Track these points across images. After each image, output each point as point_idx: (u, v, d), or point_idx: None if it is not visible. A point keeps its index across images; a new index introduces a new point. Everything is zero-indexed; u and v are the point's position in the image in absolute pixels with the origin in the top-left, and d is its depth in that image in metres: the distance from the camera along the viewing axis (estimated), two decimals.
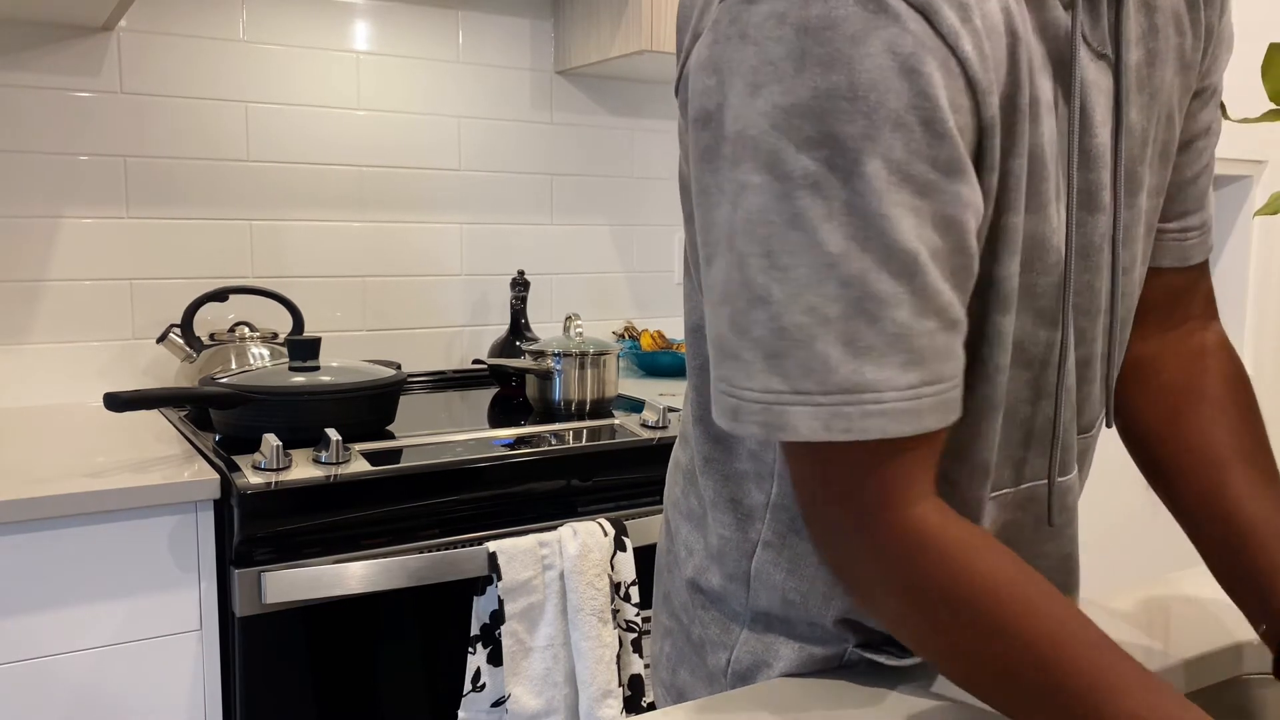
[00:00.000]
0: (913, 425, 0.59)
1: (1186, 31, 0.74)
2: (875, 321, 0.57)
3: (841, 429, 0.58)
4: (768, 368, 0.59)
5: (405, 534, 1.47)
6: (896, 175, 0.56)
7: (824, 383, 0.58)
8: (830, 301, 0.57)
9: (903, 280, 0.57)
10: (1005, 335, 0.66)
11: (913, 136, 0.56)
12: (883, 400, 0.58)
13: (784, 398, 0.59)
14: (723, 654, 0.80)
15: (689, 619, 0.83)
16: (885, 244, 0.57)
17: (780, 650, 0.77)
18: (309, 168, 2.07)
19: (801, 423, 0.59)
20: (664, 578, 0.87)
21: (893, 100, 0.56)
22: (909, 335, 0.58)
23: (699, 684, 0.82)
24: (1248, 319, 2.79)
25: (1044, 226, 0.66)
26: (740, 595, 0.79)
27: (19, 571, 1.30)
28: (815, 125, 0.56)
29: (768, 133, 0.57)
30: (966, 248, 0.60)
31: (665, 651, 0.86)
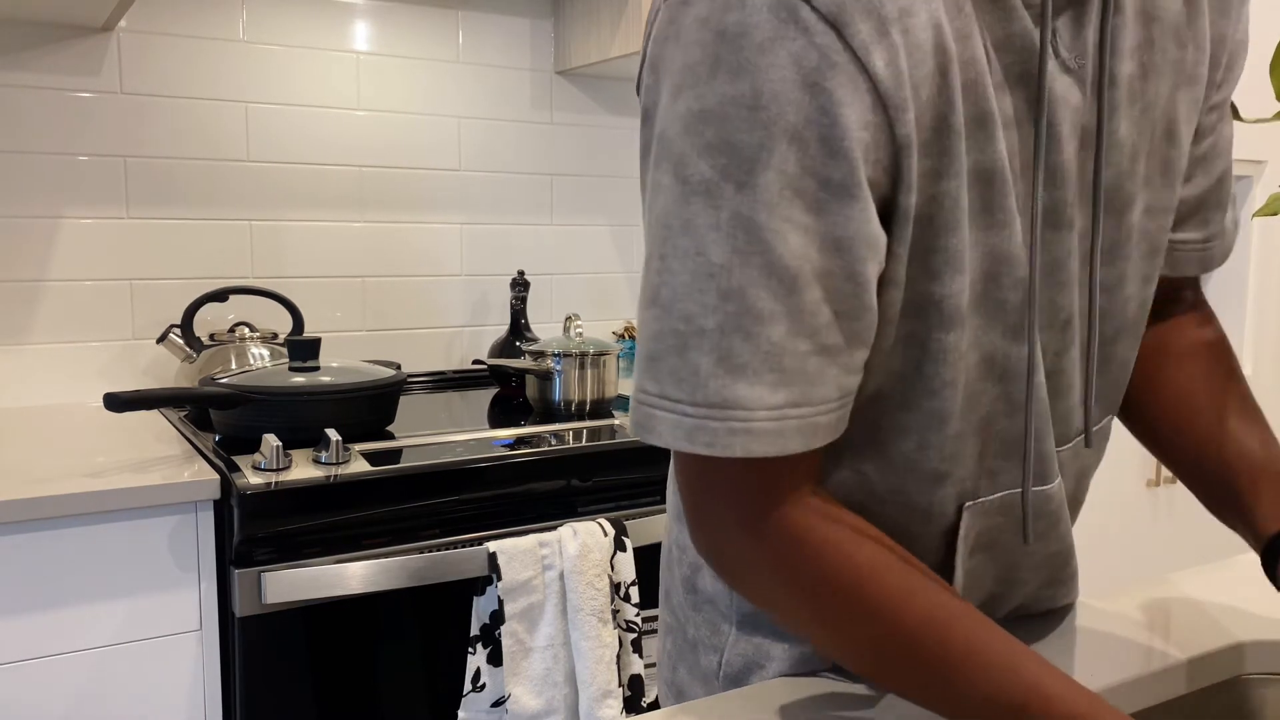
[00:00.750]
0: (776, 446, 0.59)
1: (1187, 44, 0.72)
2: (750, 338, 0.57)
3: (704, 443, 0.58)
4: (645, 368, 0.60)
5: (405, 534, 1.47)
6: (789, 190, 0.56)
7: (693, 393, 0.58)
8: (709, 312, 0.57)
9: (780, 298, 0.57)
10: (950, 352, 0.65)
11: (807, 152, 0.55)
12: (751, 419, 0.58)
13: (654, 400, 0.60)
14: (714, 656, 0.80)
15: (685, 618, 0.83)
16: (769, 260, 0.57)
17: (771, 651, 0.78)
18: (309, 168, 2.07)
19: (666, 430, 0.60)
20: (665, 576, 0.88)
21: (791, 114, 0.55)
22: (781, 354, 0.58)
23: (695, 683, 0.82)
24: (1248, 319, 2.79)
25: (1008, 243, 0.65)
26: (728, 595, 0.79)
27: (19, 571, 1.30)
28: (717, 132, 0.56)
29: (679, 136, 0.57)
30: (856, 275, 0.59)
31: (666, 648, 0.87)
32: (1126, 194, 0.72)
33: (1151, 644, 0.83)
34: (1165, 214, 0.76)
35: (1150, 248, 0.76)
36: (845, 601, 0.61)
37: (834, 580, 0.61)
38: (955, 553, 0.73)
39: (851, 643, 0.62)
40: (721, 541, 0.64)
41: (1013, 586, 0.82)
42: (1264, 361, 2.83)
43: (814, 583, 0.61)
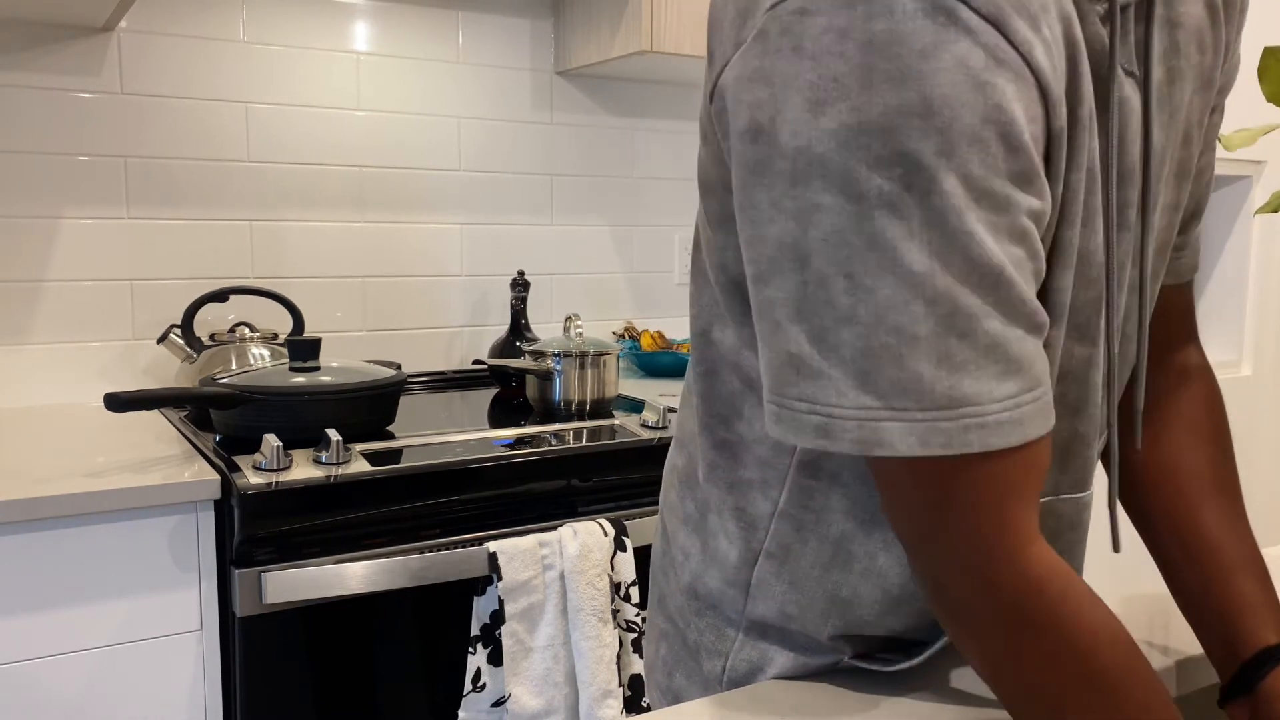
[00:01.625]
0: (1017, 435, 0.58)
1: (1208, 49, 0.73)
2: (966, 335, 0.56)
3: (940, 444, 0.57)
4: (859, 386, 0.58)
5: (405, 534, 1.47)
6: (974, 191, 0.55)
7: (920, 399, 0.57)
8: (918, 321, 0.56)
9: (989, 293, 0.57)
10: (1055, 349, 0.66)
11: (989, 151, 0.55)
12: (984, 413, 0.57)
13: (879, 414, 0.58)
14: (718, 661, 0.80)
15: (684, 624, 0.82)
16: (969, 259, 0.56)
17: (775, 659, 0.77)
18: (309, 168, 2.07)
19: (898, 438, 0.57)
20: (659, 581, 0.86)
21: (967, 115, 0.54)
22: (1003, 344, 0.57)
23: (695, 688, 0.82)
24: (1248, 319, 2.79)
25: (1091, 239, 0.66)
26: (738, 601, 0.78)
27: (19, 571, 1.30)
28: (887, 144, 0.55)
29: (836, 151, 0.56)
30: (1038, 254, 0.60)
31: (661, 655, 0.86)
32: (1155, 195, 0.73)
33: (1151, 644, 0.83)
34: (1176, 212, 0.77)
35: (1161, 245, 0.77)
36: (1070, 662, 0.59)
37: (1067, 637, 0.59)
38: None
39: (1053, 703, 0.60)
40: (952, 580, 0.61)
41: None
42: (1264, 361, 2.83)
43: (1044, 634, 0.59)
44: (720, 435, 0.77)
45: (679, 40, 2.02)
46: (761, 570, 0.76)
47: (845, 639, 0.76)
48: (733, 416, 0.76)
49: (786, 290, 0.59)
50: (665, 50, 2.01)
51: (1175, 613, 0.90)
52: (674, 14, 2.01)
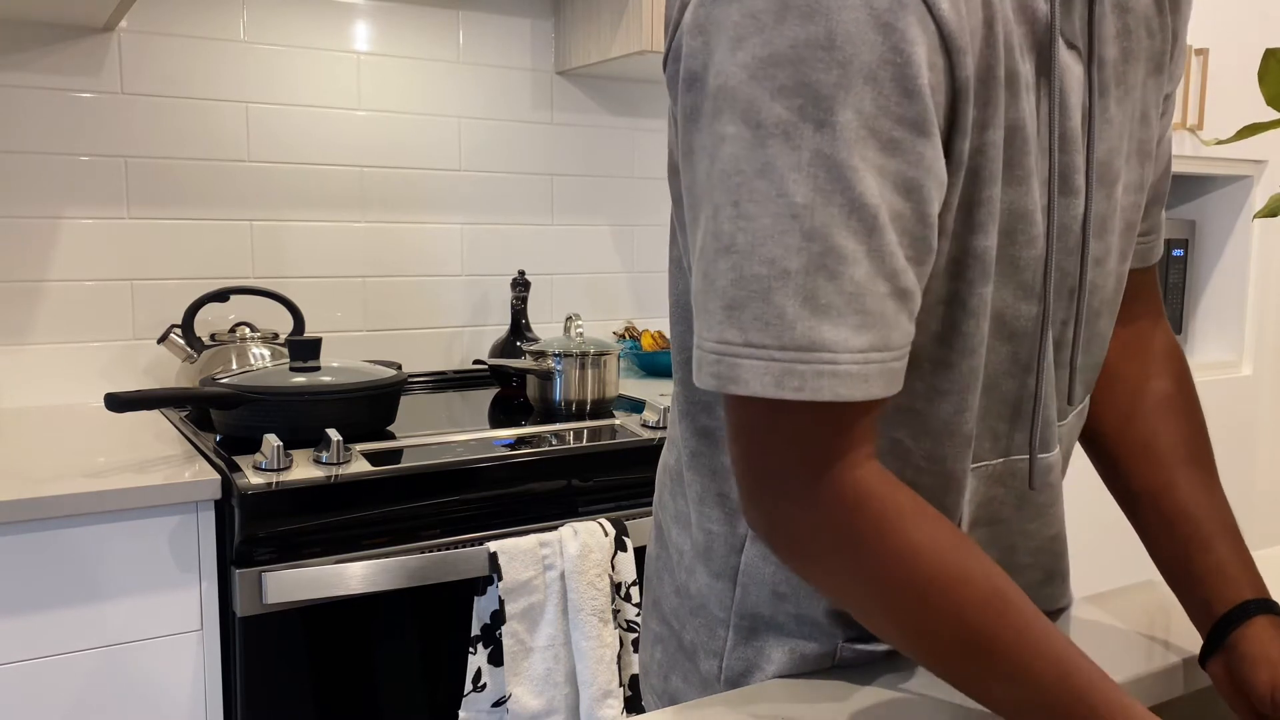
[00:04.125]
0: (861, 390, 0.59)
1: (1156, 34, 0.76)
2: (835, 278, 0.57)
3: (793, 387, 0.58)
4: (725, 318, 0.59)
5: (406, 534, 1.47)
6: (866, 129, 0.57)
7: (779, 337, 0.57)
8: (792, 254, 0.57)
9: (862, 238, 0.57)
10: (986, 305, 0.67)
11: (883, 91, 0.57)
12: (837, 361, 0.58)
13: (737, 350, 0.59)
14: (714, 661, 0.80)
15: (680, 625, 0.82)
16: (850, 199, 0.57)
17: (771, 654, 0.77)
18: (309, 168, 2.07)
19: (753, 377, 0.58)
20: (654, 584, 0.86)
21: (866, 53, 0.56)
22: (864, 295, 0.58)
23: (692, 690, 0.81)
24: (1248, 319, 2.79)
25: (1025, 200, 0.67)
26: (726, 596, 0.78)
27: (19, 571, 1.30)
28: (791, 74, 0.56)
29: (745, 83, 0.57)
30: (925, 216, 0.60)
31: (656, 658, 0.86)
32: (1115, 170, 0.75)
33: (1151, 644, 0.83)
34: (1139, 192, 0.79)
35: (1127, 224, 0.79)
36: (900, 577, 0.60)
37: (891, 552, 0.60)
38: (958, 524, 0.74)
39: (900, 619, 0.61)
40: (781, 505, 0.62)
41: (1009, 571, 0.82)
42: (1264, 361, 2.83)
43: (870, 550, 0.60)
44: (702, 422, 0.77)
45: None
46: (749, 555, 0.76)
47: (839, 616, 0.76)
48: (714, 402, 0.76)
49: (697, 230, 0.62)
50: None
51: (1176, 612, 0.90)
52: None
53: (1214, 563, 0.78)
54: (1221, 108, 2.57)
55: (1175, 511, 0.81)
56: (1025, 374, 0.72)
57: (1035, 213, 0.68)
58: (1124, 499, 0.86)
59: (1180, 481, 0.83)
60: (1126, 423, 0.87)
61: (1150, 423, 0.86)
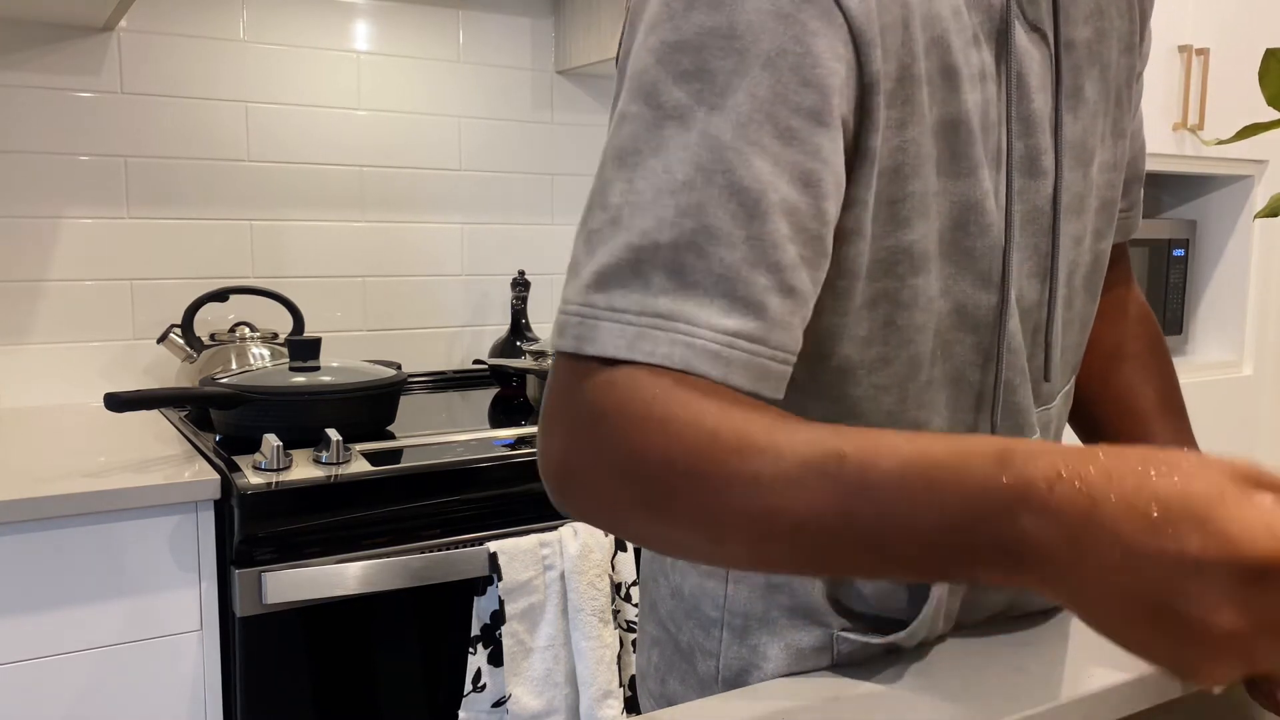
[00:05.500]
0: (718, 370, 0.56)
1: (1125, 14, 0.77)
2: (703, 257, 0.56)
3: (645, 350, 0.55)
4: (594, 283, 0.58)
5: (406, 534, 1.47)
6: (760, 113, 0.57)
7: (640, 303, 0.56)
8: (665, 227, 0.56)
9: (740, 222, 0.56)
10: (922, 295, 0.67)
11: (780, 79, 0.57)
12: (694, 334, 0.56)
13: (600, 312, 0.57)
14: (711, 661, 0.79)
15: (676, 627, 0.82)
16: (730, 180, 0.56)
17: (767, 651, 0.77)
18: (309, 168, 2.07)
19: (608, 338, 0.56)
20: (649, 587, 0.86)
21: (766, 41, 0.57)
22: (734, 281, 0.56)
23: (690, 692, 0.81)
24: (1248, 319, 2.79)
25: (974, 190, 0.67)
26: (718, 594, 0.78)
27: (19, 571, 1.30)
28: (692, 59, 0.57)
29: (652, 67, 0.59)
30: (822, 213, 0.59)
31: (653, 662, 0.86)
32: (1090, 149, 0.76)
33: None
34: (1116, 171, 0.80)
35: (1103, 202, 0.79)
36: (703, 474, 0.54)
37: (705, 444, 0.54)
38: None
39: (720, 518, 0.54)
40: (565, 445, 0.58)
41: None
42: (1264, 361, 2.83)
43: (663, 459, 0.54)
44: None
45: None
46: None
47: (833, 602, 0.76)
48: None
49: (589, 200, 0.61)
50: None
51: None
52: None
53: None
54: (1221, 108, 2.57)
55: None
56: (989, 362, 0.72)
57: (986, 201, 0.67)
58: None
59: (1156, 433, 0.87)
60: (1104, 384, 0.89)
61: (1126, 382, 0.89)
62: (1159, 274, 2.74)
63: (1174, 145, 2.52)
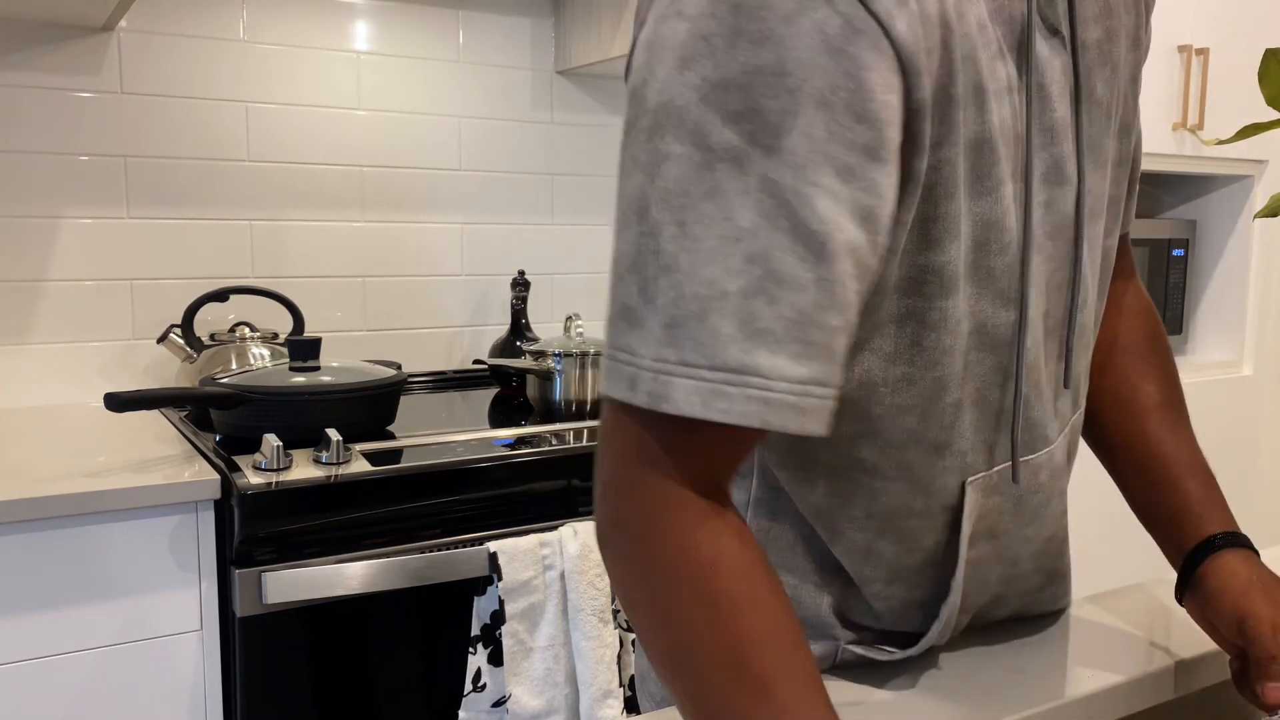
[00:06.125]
0: (797, 422, 0.57)
1: (1131, 10, 0.77)
2: (774, 303, 0.56)
3: (720, 409, 0.56)
4: (664, 337, 0.57)
5: (406, 534, 1.47)
6: (818, 154, 0.56)
7: (711, 357, 0.56)
8: (732, 275, 0.56)
9: (809, 265, 0.56)
10: (950, 318, 0.67)
11: (835, 116, 0.56)
12: (769, 389, 0.56)
13: (672, 368, 0.57)
14: None
15: None
16: (795, 223, 0.56)
17: None
18: (309, 168, 2.07)
19: (682, 396, 0.56)
20: None
21: (818, 79, 0.55)
22: (808, 325, 0.56)
23: None
24: (1248, 319, 2.79)
25: (996, 209, 0.67)
26: None
27: (19, 571, 1.30)
28: (741, 99, 0.56)
29: (695, 105, 0.57)
30: (878, 249, 0.59)
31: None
32: (1105, 149, 0.76)
33: (1151, 644, 0.83)
34: (1122, 167, 0.81)
35: (1112, 199, 0.80)
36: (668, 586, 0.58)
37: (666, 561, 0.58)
38: (959, 538, 0.74)
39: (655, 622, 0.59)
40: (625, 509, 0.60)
41: (1013, 583, 0.82)
42: (1264, 361, 2.83)
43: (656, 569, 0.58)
44: None
45: None
46: None
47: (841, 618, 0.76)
48: None
49: (628, 241, 0.60)
50: None
51: (1175, 613, 0.90)
52: None
53: (1183, 501, 0.81)
54: (1221, 108, 2.57)
55: (1147, 455, 0.84)
56: (1008, 380, 0.72)
57: (1006, 218, 0.67)
58: (1102, 449, 0.88)
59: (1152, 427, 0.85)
60: (1101, 376, 0.89)
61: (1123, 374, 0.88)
62: (1159, 274, 2.74)
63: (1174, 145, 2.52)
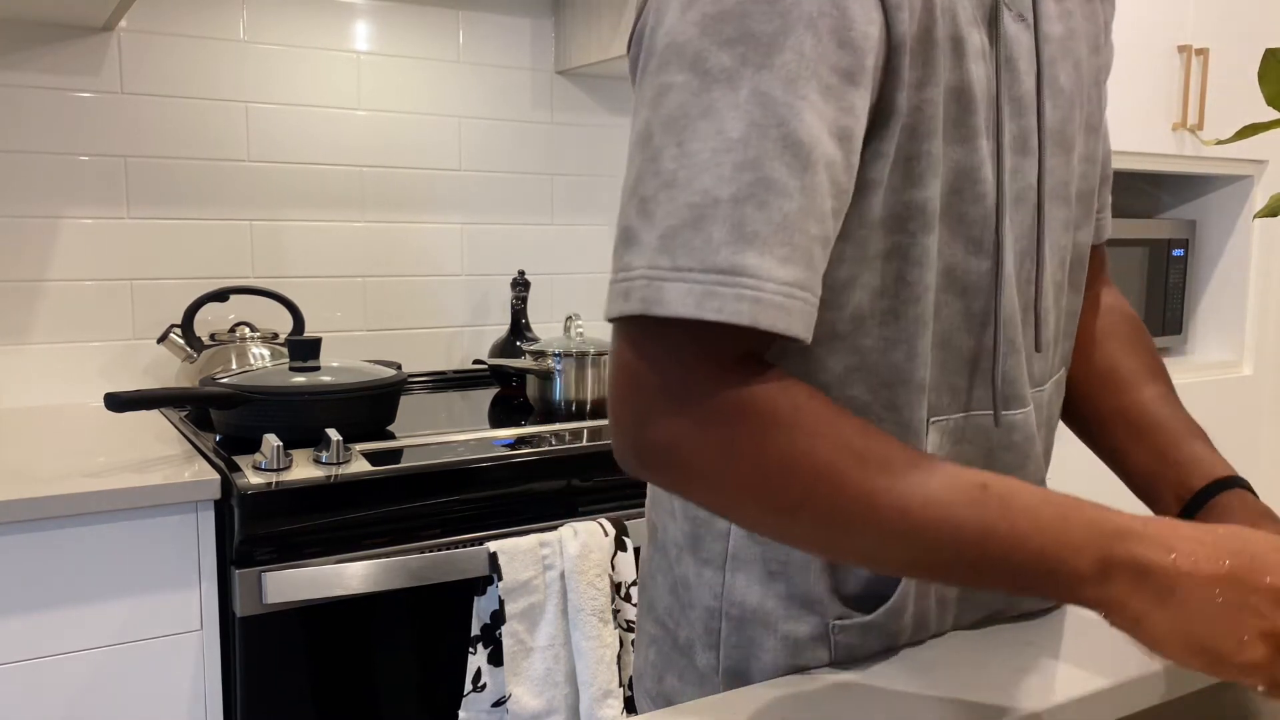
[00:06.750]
0: (782, 322, 0.60)
1: (1090, 19, 0.82)
2: (764, 207, 0.59)
3: (714, 308, 0.59)
4: (659, 246, 0.60)
5: (406, 534, 1.47)
6: (806, 70, 0.60)
7: (704, 261, 0.59)
8: (724, 183, 0.59)
9: (795, 173, 0.60)
10: (930, 255, 0.70)
11: (821, 39, 0.61)
12: (760, 288, 0.59)
13: (665, 273, 0.60)
14: (710, 653, 0.80)
15: (674, 623, 0.82)
16: (784, 133, 0.60)
17: (765, 641, 0.77)
18: (309, 168, 2.07)
19: (675, 298, 0.59)
20: (648, 586, 0.87)
21: (807, 4, 0.60)
22: (793, 230, 0.60)
23: (687, 687, 0.81)
24: (1248, 319, 2.79)
25: (972, 157, 0.71)
26: (716, 583, 0.78)
27: (19, 571, 1.30)
28: (736, 26, 0.61)
29: (696, 37, 0.61)
30: (851, 168, 0.63)
31: (650, 660, 0.86)
32: (1069, 137, 0.79)
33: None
34: (1092, 164, 0.84)
35: (1081, 193, 0.83)
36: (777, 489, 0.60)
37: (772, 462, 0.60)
38: None
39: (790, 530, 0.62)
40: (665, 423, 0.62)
41: None
42: (1264, 361, 2.83)
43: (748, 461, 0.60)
44: None
45: None
46: (736, 538, 0.77)
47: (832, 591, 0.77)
48: None
49: (631, 172, 0.63)
50: None
51: None
52: None
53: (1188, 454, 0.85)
54: (1221, 108, 2.57)
55: (1145, 422, 0.88)
56: (981, 329, 0.75)
57: (982, 169, 0.71)
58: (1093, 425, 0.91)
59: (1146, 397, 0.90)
60: (1087, 358, 0.92)
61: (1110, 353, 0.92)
62: (1159, 274, 2.74)
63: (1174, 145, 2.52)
